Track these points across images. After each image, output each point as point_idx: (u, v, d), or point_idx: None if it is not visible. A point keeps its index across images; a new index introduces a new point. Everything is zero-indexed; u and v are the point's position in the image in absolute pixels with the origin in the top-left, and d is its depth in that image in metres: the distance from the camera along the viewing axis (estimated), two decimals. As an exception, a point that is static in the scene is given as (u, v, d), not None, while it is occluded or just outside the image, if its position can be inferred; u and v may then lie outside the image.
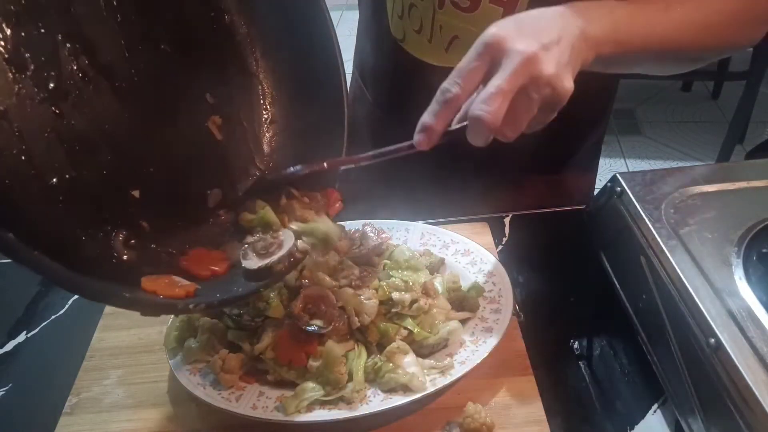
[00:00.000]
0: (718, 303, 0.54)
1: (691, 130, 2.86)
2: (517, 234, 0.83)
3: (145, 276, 0.50)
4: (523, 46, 0.49)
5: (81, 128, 0.50)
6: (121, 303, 0.46)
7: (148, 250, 0.54)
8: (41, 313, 0.77)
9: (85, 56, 0.51)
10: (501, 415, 0.60)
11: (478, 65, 0.51)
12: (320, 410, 0.58)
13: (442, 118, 0.52)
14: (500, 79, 0.49)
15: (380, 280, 0.66)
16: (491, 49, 0.50)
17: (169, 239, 0.56)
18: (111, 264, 0.50)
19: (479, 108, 0.49)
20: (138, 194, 0.54)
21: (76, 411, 0.64)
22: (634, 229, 0.65)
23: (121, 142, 0.53)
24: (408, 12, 0.79)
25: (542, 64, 0.49)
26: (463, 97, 0.51)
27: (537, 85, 0.50)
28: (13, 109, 0.46)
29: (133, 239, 0.53)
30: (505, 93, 0.49)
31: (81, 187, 0.50)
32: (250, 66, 0.65)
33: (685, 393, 0.55)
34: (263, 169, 0.64)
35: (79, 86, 0.51)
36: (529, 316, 0.71)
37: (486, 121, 0.49)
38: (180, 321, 0.66)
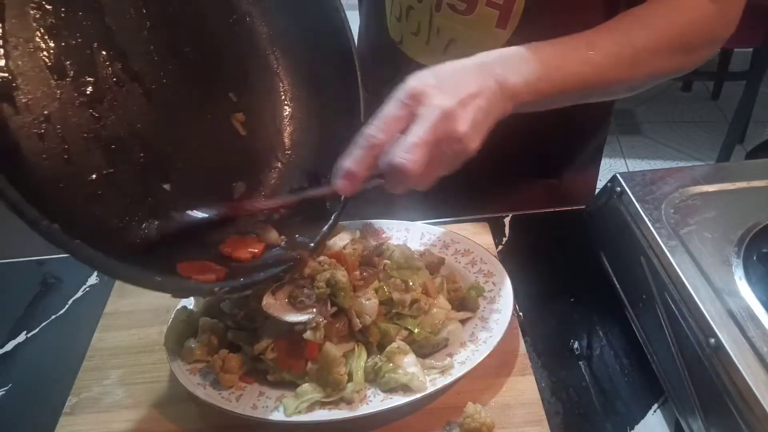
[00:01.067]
0: (718, 303, 0.54)
1: (691, 130, 2.86)
2: (517, 234, 0.83)
3: (180, 261, 0.54)
4: (442, 101, 0.52)
5: (115, 129, 0.55)
6: (153, 285, 0.49)
7: (179, 236, 0.58)
8: (41, 313, 0.77)
9: (119, 62, 0.56)
10: (501, 415, 0.60)
11: (402, 114, 0.53)
12: (320, 410, 0.58)
13: (364, 164, 0.53)
14: (421, 130, 0.51)
15: (380, 281, 0.66)
16: (413, 99, 0.53)
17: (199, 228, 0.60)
18: (146, 250, 0.54)
19: (402, 156, 0.51)
20: (169, 187, 0.58)
21: (76, 411, 0.64)
22: (634, 229, 0.65)
23: (152, 140, 0.58)
24: (406, 14, 0.79)
25: (457, 122, 0.52)
26: (386, 144, 0.53)
27: (450, 141, 0.53)
28: (55, 113, 0.50)
29: (165, 228, 0.57)
30: (425, 144, 0.51)
31: (116, 182, 0.54)
32: (271, 65, 0.68)
33: (685, 393, 0.55)
34: (285, 162, 0.68)
35: (113, 90, 0.55)
36: (529, 316, 0.71)
37: (409, 170, 0.51)
38: (180, 321, 0.66)
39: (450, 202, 0.88)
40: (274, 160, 0.68)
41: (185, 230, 0.58)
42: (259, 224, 0.63)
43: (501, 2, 0.70)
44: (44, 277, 0.82)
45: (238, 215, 0.63)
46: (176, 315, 0.67)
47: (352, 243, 0.70)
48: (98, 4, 0.54)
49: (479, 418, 0.57)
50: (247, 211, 0.63)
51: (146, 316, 0.74)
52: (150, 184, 0.57)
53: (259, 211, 0.64)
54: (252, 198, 0.65)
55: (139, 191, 0.56)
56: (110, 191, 0.53)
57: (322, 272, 0.62)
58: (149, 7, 0.58)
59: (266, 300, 0.61)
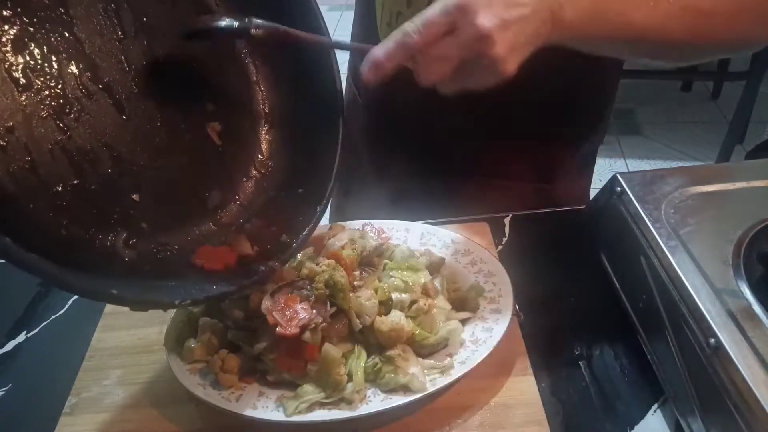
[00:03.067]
0: (718, 303, 0.54)
1: (691, 130, 2.86)
2: (517, 234, 0.83)
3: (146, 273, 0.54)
4: (485, 21, 0.51)
5: (83, 140, 0.53)
6: (109, 299, 0.48)
7: (149, 249, 0.56)
8: (41, 313, 0.77)
9: (88, 72, 0.54)
10: (501, 415, 0.60)
11: (442, 22, 0.52)
12: (320, 410, 0.58)
13: (394, 60, 0.54)
14: (451, 46, 0.52)
15: (380, 281, 0.66)
16: (458, 12, 0.52)
17: (170, 239, 0.59)
18: (113, 264, 0.53)
19: (425, 68, 0.53)
20: (138, 198, 0.57)
21: (76, 411, 0.64)
22: (634, 229, 0.65)
23: (122, 151, 0.56)
24: (395, 20, 0.79)
25: (494, 45, 0.51)
26: (421, 47, 0.53)
27: (482, 60, 0.52)
28: (19, 124, 0.49)
29: (134, 239, 0.55)
30: (450, 60, 0.52)
31: (83, 193, 0.52)
32: (250, 73, 0.67)
33: (685, 393, 0.55)
34: (262, 171, 0.67)
35: (82, 101, 0.53)
36: (529, 316, 0.71)
37: (425, 78, 0.54)
38: (180, 321, 0.66)
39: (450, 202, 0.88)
40: (252, 169, 0.67)
41: (152, 239, 0.57)
42: (231, 234, 0.62)
43: None
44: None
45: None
46: (176, 315, 0.67)
47: (351, 243, 0.70)
48: (67, 16, 0.53)
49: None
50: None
51: (146, 316, 0.74)
52: (119, 195, 0.56)
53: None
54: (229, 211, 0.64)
55: (107, 202, 0.55)
56: (76, 202, 0.52)
57: (320, 273, 0.62)
58: (121, 18, 0.57)
59: (265, 302, 0.61)
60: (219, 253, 0.60)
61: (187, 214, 0.61)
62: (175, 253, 0.58)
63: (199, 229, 0.61)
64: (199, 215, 0.62)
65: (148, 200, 0.57)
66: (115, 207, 0.55)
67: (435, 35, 0.52)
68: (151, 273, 0.54)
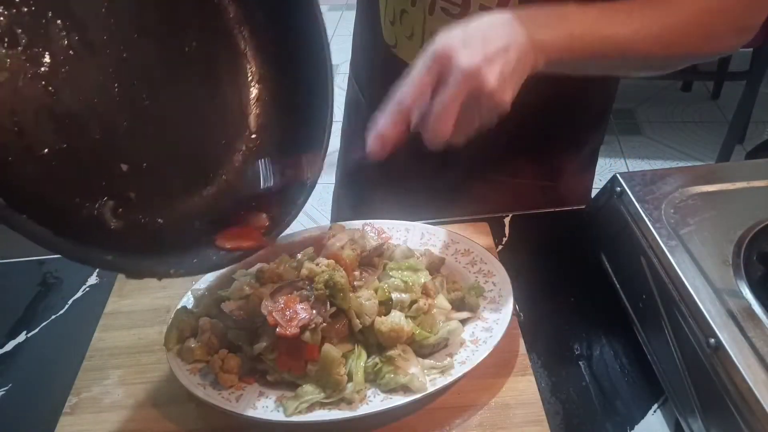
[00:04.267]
0: (718, 303, 0.54)
1: (691, 130, 2.86)
2: (517, 234, 0.83)
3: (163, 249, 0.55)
4: (467, 60, 0.52)
5: (70, 103, 0.52)
6: (103, 265, 0.49)
7: (136, 219, 0.56)
8: (41, 313, 0.77)
9: (75, 33, 0.53)
10: (501, 415, 0.60)
11: (428, 79, 0.54)
12: (320, 410, 0.58)
13: (395, 127, 0.55)
14: (445, 95, 0.53)
15: (380, 281, 0.66)
16: (438, 61, 0.53)
17: (157, 211, 0.58)
18: (100, 232, 0.53)
19: (430, 125, 0.54)
20: (126, 168, 0.56)
21: (76, 411, 0.64)
22: (634, 229, 0.65)
23: (110, 117, 0.55)
24: (399, 18, 0.79)
25: (484, 79, 0.52)
26: (414, 106, 0.55)
27: (478, 98, 0.53)
28: (4, 84, 0.48)
29: (121, 209, 0.55)
30: (451, 110, 0.53)
31: (70, 158, 0.52)
32: (239, 45, 0.66)
33: (685, 393, 0.55)
34: (249, 146, 0.67)
35: (69, 63, 0.52)
36: (529, 316, 0.71)
37: (435, 137, 0.55)
38: (180, 321, 0.66)
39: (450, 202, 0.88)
40: (239, 142, 0.66)
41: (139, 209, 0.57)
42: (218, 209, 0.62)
43: (494, 7, 0.69)
44: (44, 277, 0.82)
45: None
46: (176, 315, 0.67)
47: (351, 243, 0.70)
48: None
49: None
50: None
51: (146, 316, 0.74)
52: (106, 163, 0.55)
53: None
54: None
55: (94, 170, 0.54)
56: (62, 168, 0.51)
57: (320, 274, 0.62)
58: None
59: (265, 303, 0.61)
60: (243, 234, 0.60)
61: (176, 187, 0.61)
62: (164, 226, 0.58)
63: (186, 203, 0.61)
64: (187, 189, 0.62)
65: (136, 170, 0.57)
66: (102, 175, 0.55)
67: (423, 89, 0.54)
68: (140, 245, 0.54)
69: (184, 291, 0.72)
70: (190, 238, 0.58)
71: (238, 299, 0.65)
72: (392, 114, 0.55)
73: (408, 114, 0.55)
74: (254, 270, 0.69)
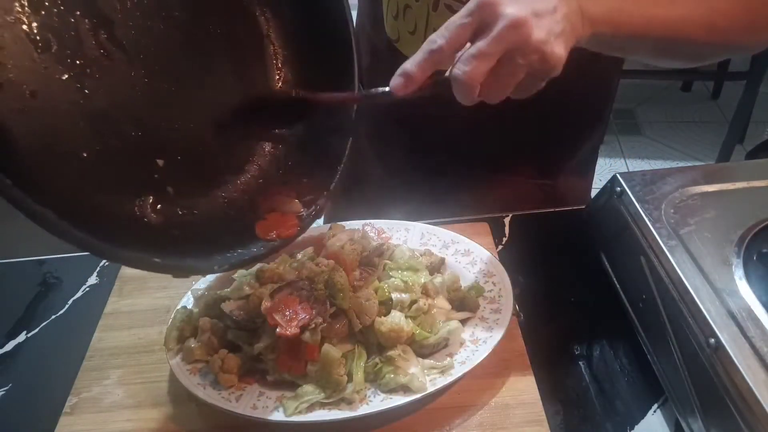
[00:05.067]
0: (718, 303, 0.54)
1: (691, 130, 2.86)
2: (517, 234, 0.83)
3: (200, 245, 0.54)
4: (514, 10, 0.49)
5: (104, 103, 0.52)
6: (152, 267, 0.49)
7: (174, 213, 0.56)
8: (41, 313, 0.77)
9: (103, 30, 0.52)
10: (501, 415, 0.60)
11: (467, 22, 0.50)
12: (320, 410, 0.58)
13: (422, 68, 0.52)
14: (484, 41, 0.49)
15: (380, 281, 0.66)
16: (483, 9, 0.50)
17: (194, 202, 0.59)
18: (142, 229, 0.53)
19: (458, 68, 0.50)
20: (162, 162, 0.56)
21: (76, 411, 0.64)
22: (634, 229, 0.65)
23: (142, 112, 0.55)
24: (403, 13, 0.79)
25: (531, 30, 0.49)
26: (447, 50, 0.51)
27: (523, 50, 0.50)
28: (41, 88, 0.48)
29: (160, 204, 0.55)
30: (485, 56, 0.49)
31: (107, 158, 0.52)
32: (261, 27, 0.66)
33: (685, 393, 0.55)
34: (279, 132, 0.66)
35: (99, 62, 0.52)
36: (529, 316, 0.71)
37: (462, 82, 0.50)
38: (180, 321, 0.66)
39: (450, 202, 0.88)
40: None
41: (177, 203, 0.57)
42: (252, 197, 0.62)
43: None
44: (44, 277, 0.82)
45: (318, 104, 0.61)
46: (176, 315, 0.67)
47: (351, 243, 0.70)
48: None
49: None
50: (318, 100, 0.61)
51: (146, 316, 0.74)
52: (143, 160, 0.55)
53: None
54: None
55: (132, 167, 0.54)
56: (101, 168, 0.51)
57: (320, 274, 0.62)
58: None
59: (265, 303, 0.61)
60: (281, 221, 0.60)
61: (209, 177, 0.61)
62: (202, 217, 0.58)
63: (220, 193, 0.61)
64: (220, 178, 0.62)
65: (172, 164, 0.57)
66: (141, 171, 0.55)
67: (461, 37, 0.51)
68: (180, 238, 0.54)
69: (184, 291, 0.72)
70: (229, 230, 0.58)
71: (238, 299, 0.65)
72: (423, 53, 0.51)
73: (440, 56, 0.51)
74: (254, 270, 0.69)
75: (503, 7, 0.49)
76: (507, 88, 0.52)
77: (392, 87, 0.53)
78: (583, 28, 0.54)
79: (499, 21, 0.49)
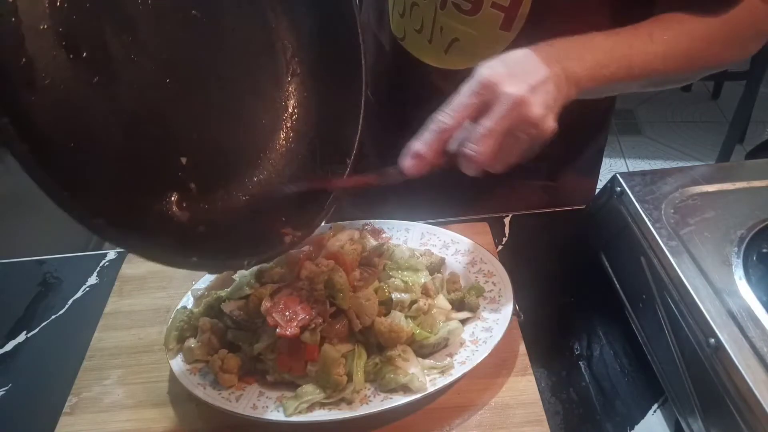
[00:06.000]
0: (718, 303, 0.54)
1: (691, 130, 2.86)
2: (517, 234, 0.83)
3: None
4: (514, 89, 0.53)
5: (131, 104, 0.54)
6: (187, 266, 0.51)
7: (199, 209, 0.58)
8: (41, 313, 0.77)
9: (128, 33, 0.54)
10: (501, 415, 0.60)
11: (472, 102, 0.54)
12: (320, 410, 0.58)
13: (432, 148, 0.56)
14: (491, 120, 0.54)
15: (380, 281, 0.66)
16: (485, 88, 0.54)
17: (217, 198, 0.61)
18: (170, 227, 0.55)
19: (471, 148, 0.54)
20: (185, 160, 0.58)
21: (76, 411, 0.64)
22: (634, 229, 0.65)
23: (165, 112, 0.57)
24: (410, 11, 0.79)
25: (530, 107, 0.53)
26: (454, 129, 0.55)
27: (524, 126, 0.54)
28: (73, 93, 0.49)
29: (185, 202, 0.57)
30: (493, 134, 0.54)
31: (136, 158, 0.54)
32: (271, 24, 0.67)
33: (685, 393, 0.55)
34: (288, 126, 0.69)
35: (125, 64, 0.54)
36: (529, 316, 0.71)
37: (477, 161, 0.54)
38: (180, 321, 0.66)
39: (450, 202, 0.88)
40: (279, 122, 0.68)
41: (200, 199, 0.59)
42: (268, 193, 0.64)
43: (506, 4, 0.69)
44: (44, 277, 0.82)
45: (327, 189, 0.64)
46: (176, 315, 0.67)
47: (351, 243, 0.70)
48: None
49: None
50: (333, 187, 0.64)
51: (146, 316, 0.74)
52: (168, 158, 0.57)
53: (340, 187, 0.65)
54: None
55: (158, 166, 0.56)
56: (131, 168, 0.53)
57: (320, 274, 0.62)
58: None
59: (265, 303, 0.61)
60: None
61: (230, 173, 0.63)
62: (225, 212, 0.60)
63: (240, 188, 0.63)
64: (239, 174, 0.64)
65: (195, 161, 0.59)
66: (166, 170, 0.57)
67: (466, 116, 0.54)
68: (208, 235, 0.56)
69: (184, 291, 0.72)
70: (252, 224, 0.60)
71: (238, 299, 0.65)
72: (432, 133, 0.55)
73: (448, 136, 0.55)
74: (254, 270, 0.69)
75: (503, 86, 0.53)
76: (509, 158, 0.57)
77: (405, 168, 0.57)
78: (569, 91, 0.58)
79: (501, 100, 0.53)
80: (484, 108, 0.54)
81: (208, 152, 0.60)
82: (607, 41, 0.62)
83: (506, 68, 0.55)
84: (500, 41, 0.73)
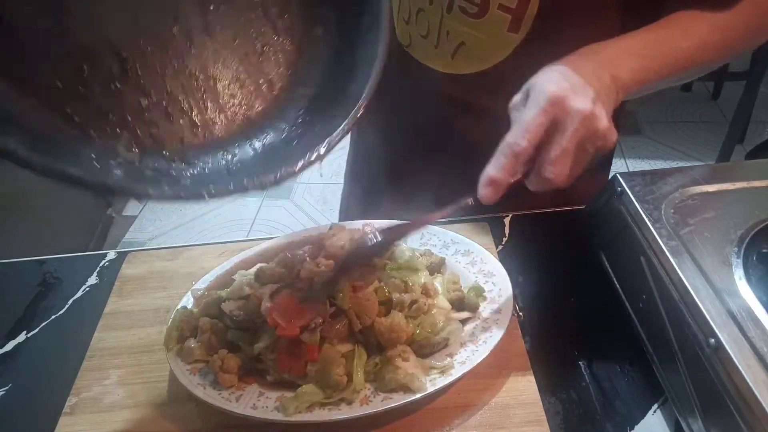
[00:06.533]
0: (718, 303, 0.54)
1: (691, 130, 2.86)
2: (517, 234, 0.83)
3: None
4: (581, 104, 0.53)
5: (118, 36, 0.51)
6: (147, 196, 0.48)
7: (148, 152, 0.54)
8: (41, 313, 0.77)
9: None
10: (501, 415, 0.60)
11: (543, 122, 0.54)
12: (320, 410, 0.58)
13: (508, 171, 0.55)
14: (565, 139, 0.54)
15: (380, 281, 0.66)
16: (554, 105, 0.54)
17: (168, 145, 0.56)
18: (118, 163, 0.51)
19: (549, 171, 0.54)
20: (146, 102, 0.54)
21: (76, 411, 0.64)
22: (634, 229, 0.65)
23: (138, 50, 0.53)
24: (415, 17, 0.79)
25: (598, 121, 0.54)
26: (530, 150, 0.54)
27: (594, 139, 0.55)
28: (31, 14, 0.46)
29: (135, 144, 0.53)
30: (569, 153, 0.54)
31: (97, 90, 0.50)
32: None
33: (685, 393, 0.55)
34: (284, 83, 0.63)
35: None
36: (529, 316, 0.71)
37: (554, 181, 0.55)
38: (180, 321, 0.66)
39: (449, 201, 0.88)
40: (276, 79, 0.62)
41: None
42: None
43: (513, 6, 0.69)
44: (44, 277, 0.82)
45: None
46: (176, 315, 0.67)
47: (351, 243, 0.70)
48: None
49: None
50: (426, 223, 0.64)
51: (146, 316, 0.74)
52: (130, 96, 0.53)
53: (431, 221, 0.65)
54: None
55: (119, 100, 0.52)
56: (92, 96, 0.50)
57: (320, 274, 0.62)
58: None
59: (265, 303, 0.61)
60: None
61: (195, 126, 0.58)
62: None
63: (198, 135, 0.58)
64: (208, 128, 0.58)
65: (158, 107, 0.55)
66: (124, 107, 0.53)
67: (539, 136, 0.54)
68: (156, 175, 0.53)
69: (184, 291, 0.72)
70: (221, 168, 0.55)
71: (238, 299, 0.65)
72: (507, 158, 0.54)
73: (523, 157, 0.55)
74: (254, 270, 0.69)
75: (571, 102, 0.53)
76: (578, 171, 0.57)
77: (483, 198, 0.56)
78: (617, 97, 0.59)
79: (571, 116, 0.53)
80: (553, 125, 0.54)
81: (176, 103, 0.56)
82: (645, 42, 0.62)
83: (568, 82, 0.55)
84: (508, 44, 0.72)
